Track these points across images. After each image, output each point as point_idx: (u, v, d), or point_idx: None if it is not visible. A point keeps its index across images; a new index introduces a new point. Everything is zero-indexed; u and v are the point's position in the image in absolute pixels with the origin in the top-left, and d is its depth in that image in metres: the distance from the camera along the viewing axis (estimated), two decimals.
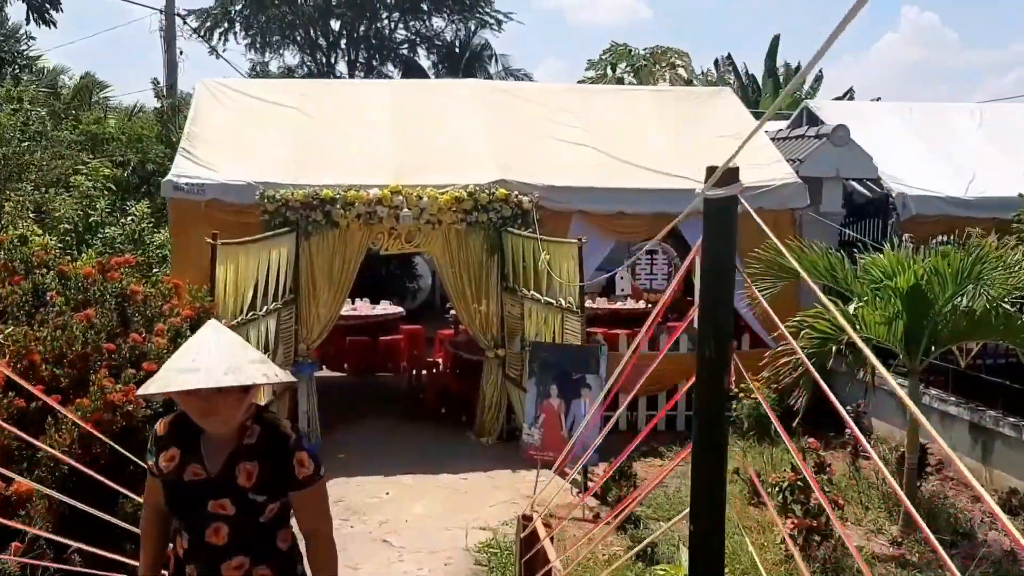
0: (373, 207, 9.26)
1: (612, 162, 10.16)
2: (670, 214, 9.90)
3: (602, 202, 9.73)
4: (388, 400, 11.47)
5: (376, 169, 9.69)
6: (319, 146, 10.03)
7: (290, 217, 9.19)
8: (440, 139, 10.32)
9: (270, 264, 8.65)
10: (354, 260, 9.45)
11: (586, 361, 7.77)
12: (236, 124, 10.22)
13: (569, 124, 10.70)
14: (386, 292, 14.92)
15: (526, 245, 9.11)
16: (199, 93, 10.55)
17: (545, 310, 8.76)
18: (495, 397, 9.71)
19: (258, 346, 8.40)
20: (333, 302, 9.47)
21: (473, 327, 9.69)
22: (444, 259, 9.62)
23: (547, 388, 7.80)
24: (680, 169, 10.12)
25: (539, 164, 10.01)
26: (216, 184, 9.19)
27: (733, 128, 10.99)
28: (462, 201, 9.39)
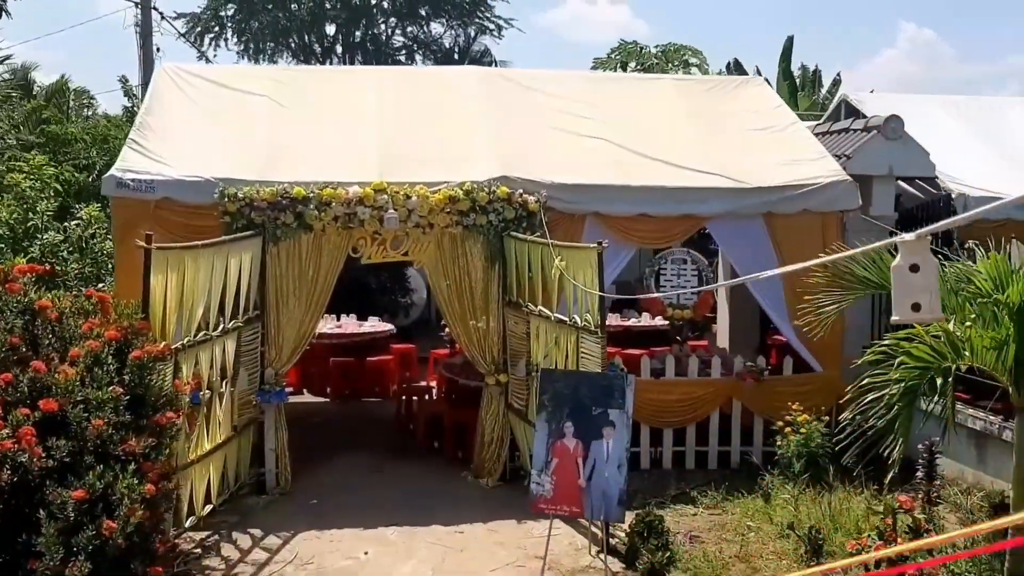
0: (353, 207, 7.79)
1: (632, 157, 8.69)
2: (699, 216, 8.43)
3: (621, 202, 8.26)
4: (374, 430, 9.95)
5: (357, 164, 8.23)
6: (292, 139, 8.57)
7: (255, 219, 7.70)
8: (432, 131, 8.86)
9: (228, 273, 7.17)
10: (331, 270, 7.96)
11: (608, 392, 6.27)
12: (198, 114, 8.76)
13: (581, 115, 9.24)
14: (375, 307, 13.43)
15: (533, 252, 7.62)
16: (157, 79, 9.09)
17: (556, 329, 7.27)
18: (496, 431, 8.20)
19: (212, 373, 6.92)
20: (306, 319, 7.97)
21: (470, 348, 8.20)
22: (436, 269, 8.13)
23: (560, 426, 6.30)
24: (709, 165, 8.67)
25: (546, 159, 8.54)
26: (168, 181, 7.72)
27: (767, 120, 9.56)
28: (457, 201, 7.92)
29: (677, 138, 9.11)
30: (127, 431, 5.32)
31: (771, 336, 12.16)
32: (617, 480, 6.18)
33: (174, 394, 5.74)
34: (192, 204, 7.73)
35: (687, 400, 8.46)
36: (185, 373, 6.40)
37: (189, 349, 6.50)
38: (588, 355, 6.74)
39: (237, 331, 7.39)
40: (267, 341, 7.88)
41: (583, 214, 8.23)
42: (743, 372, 8.51)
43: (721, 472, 8.54)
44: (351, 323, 11.97)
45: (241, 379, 7.64)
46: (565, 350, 7.14)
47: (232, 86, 9.18)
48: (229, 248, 7.12)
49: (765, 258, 8.49)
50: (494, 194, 7.97)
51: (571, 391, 6.35)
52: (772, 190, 8.45)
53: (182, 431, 6.45)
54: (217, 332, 7.00)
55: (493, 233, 8.05)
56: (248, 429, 7.83)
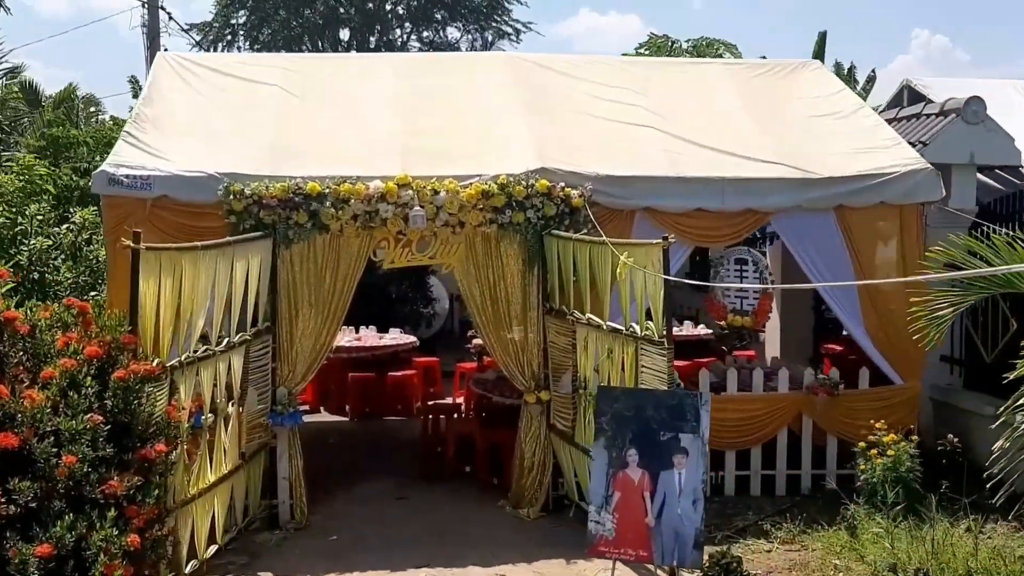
0: (374, 205, 6.83)
1: (684, 146, 7.70)
2: (762, 211, 7.36)
3: (675, 196, 7.27)
4: (398, 453, 8.97)
5: (378, 157, 7.27)
6: (305, 131, 7.63)
7: (264, 218, 6.75)
8: (460, 121, 7.91)
9: (234, 280, 6.21)
10: (350, 275, 7.00)
11: (679, 413, 5.27)
12: (201, 105, 7.84)
13: (625, 102, 8.27)
14: (396, 318, 12.47)
15: (579, 252, 6.63)
16: (156, 69, 8.17)
17: (609, 339, 6.27)
18: (537, 455, 7.19)
19: (215, 393, 5.96)
20: (323, 331, 7.00)
21: (506, 362, 7.20)
22: (467, 273, 7.15)
23: (623, 454, 5.30)
24: (771, 154, 7.67)
25: (589, 150, 7.57)
26: (167, 176, 6.78)
27: (830, 105, 8.56)
28: (491, 196, 6.94)
29: (732, 125, 8.12)
30: (108, 468, 4.36)
31: (824, 345, 11.17)
32: (692, 518, 5.17)
33: (166, 421, 4.77)
34: (193, 202, 6.79)
35: (752, 418, 7.43)
36: (183, 395, 5.45)
37: (188, 367, 5.54)
38: (650, 369, 5.73)
39: (245, 345, 6.44)
40: (279, 356, 6.92)
41: (633, 209, 7.24)
42: (814, 386, 7.48)
43: (791, 499, 7.50)
44: (371, 335, 11.01)
45: (250, 399, 6.68)
46: (620, 363, 6.15)
47: (239, 75, 8.25)
48: (235, 250, 6.17)
49: (836, 256, 7.53)
50: (532, 188, 7.00)
51: (634, 412, 5.35)
52: (844, 180, 7.44)
53: (180, 462, 5.50)
54: (221, 347, 6.04)
55: (531, 232, 7.07)
56: (258, 456, 6.86)
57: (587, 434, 6.64)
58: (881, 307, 7.55)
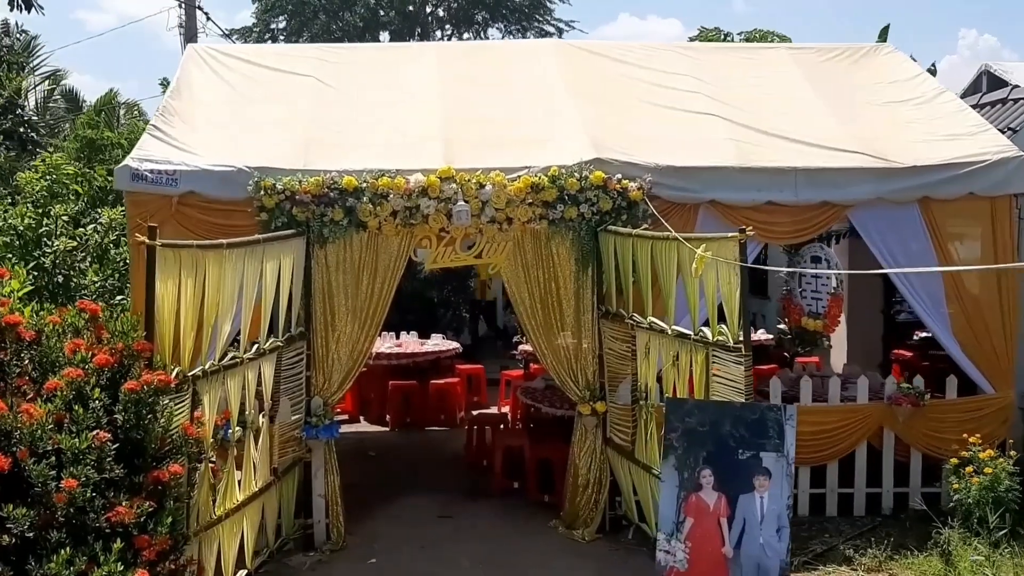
0: (415, 200, 6.27)
1: (751, 135, 7.04)
2: (839, 204, 6.54)
3: (743, 188, 6.61)
4: (441, 466, 8.39)
5: (419, 148, 6.71)
6: (341, 123, 7.09)
7: (297, 215, 6.23)
8: (506, 110, 7.32)
9: (265, 281, 5.69)
10: (389, 277, 6.44)
11: (760, 429, 4.62)
12: (231, 97, 7.35)
13: (684, 89, 7.62)
14: (438, 324, 11.92)
15: (640, 249, 6.00)
16: (186, 61, 7.70)
17: (674, 345, 5.62)
18: (593, 471, 6.57)
19: (244, 404, 5.45)
20: (361, 337, 6.45)
21: (558, 370, 6.60)
22: (516, 273, 6.56)
23: (696, 474, 4.66)
24: (848, 143, 6.98)
25: (647, 139, 6.93)
26: (194, 171, 6.29)
27: (908, 91, 7.84)
28: (541, 189, 6.35)
29: (803, 112, 7.42)
30: (116, 492, 3.83)
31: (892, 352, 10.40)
32: (776, 548, 4.51)
33: (183, 438, 4.23)
34: (222, 199, 6.28)
35: (828, 431, 6.71)
36: (207, 407, 4.92)
37: (212, 376, 5.02)
38: (724, 379, 5.08)
39: (276, 352, 5.90)
40: (314, 364, 6.38)
41: (696, 203, 6.59)
42: (897, 396, 6.75)
43: (871, 520, 6.78)
44: (412, 341, 10.47)
45: (282, 411, 6.14)
46: (688, 372, 5.50)
47: (272, 66, 7.75)
48: (265, 249, 5.64)
49: (920, 253, 6.80)
50: (586, 180, 6.39)
51: (709, 428, 4.71)
52: (930, 170, 6.71)
53: (205, 481, 4.97)
54: (251, 354, 5.52)
55: (585, 228, 6.46)
56: (292, 472, 6.32)
57: (648, 449, 6.01)
58: (970, 309, 6.81)
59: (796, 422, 4.61)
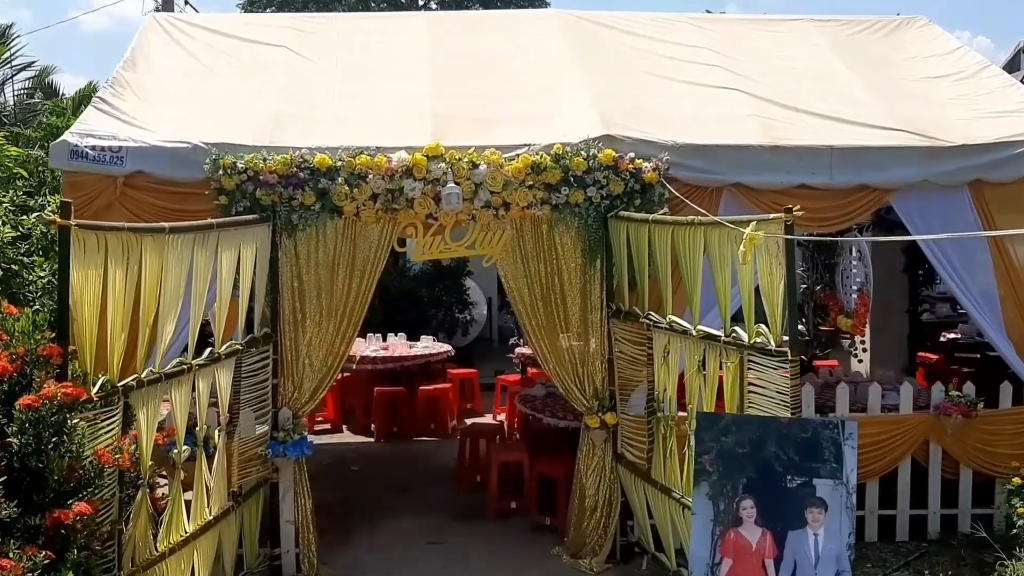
0: (398, 181, 5.40)
1: (778, 111, 6.20)
2: (880, 187, 5.33)
3: (772, 169, 5.76)
4: (430, 483, 7.50)
5: (404, 125, 5.85)
6: (315, 96, 6.23)
7: (262, 199, 5.36)
8: (506, 83, 6.47)
9: (221, 274, 4.80)
10: (369, 270, 5.57)
11: (813, 450, 3.75)
12: (194, 70, 6.47)
13: (703, 62, 6.79)
14: (428, 325, 11.05)
15: (658, 238, 5.13)
16: (144, 31, 6.81)
17: (700, 348, 4.75)
18: (602, 492, 5.70)
19: (198, 418, 4.59)
20: (336, 339, 5.57)
21: (562, 376, 5.73)
22: (514, 267, 5.69)
23: (734, 505, 3.79)
24: (886, 120, 6.14)
25: (662, 115, 6.08)
26: (144, 148, 5.41)
27: (948, 65, 7.01)
28: (543, 170, 5.49)
29: (834, 87, 6.58)
30: (5, 538, 2.95)
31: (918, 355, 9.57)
32: None
33: (97, 467, 3.34)
34: (175, 180, 5.40)
35: (868, 445, 5.77)
36: (143, 424, 4.05)
37: (151, 387, 4.14)
38: (764, 388, 4.21)
39: (234, 357, 5.02)
40: (281, 371, 5.50)
41: (719, 186, 5.73)
42: (945, 405, 5.90)
43: (916, 546, 5.93)
44: (400, 344, 9.58)
45: (244, 425, 5.25)
46: (716, 380, 4.64)
47: (241, 36, 6.87)
48: (220, 236, 4.75)
49: (970, 242, 5.96)
50: (595, 160, 5.53)
51: (750, 449, 3.84)
52: (983, 149, 5.87)
53: (142, 512, 4.10)
54: (202, 359, 4.64)
55: (593, 215, 5.60)
56: (256, 495, 5.43)
57: (667, 469, 5.15)
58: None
59: (857, 441, 3.75)
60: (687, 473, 4.87)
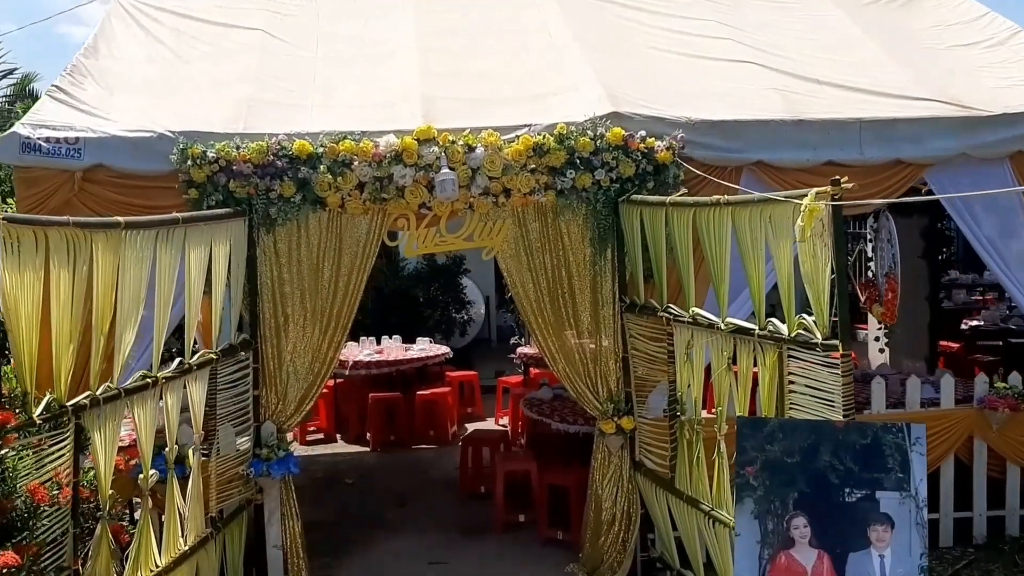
0: (387, 168, 4.84)
1: (799, 84, 5.66)
2: (913, 162, 4.52)
3: (797, 145, 5.22)
4: (431, 494, 6.95)
5: (392, 109, 5.30)
6: (293, 80, 5.67)
7: (236, 192, 4.79)
8: (503, 62, 5.92)
9: (190, 275, 4.24)
10: (358, 267, 5.01)
11: (874, 459, 3.21)
12: (162, 56, 5.89)
13: (711, 35, 6.26)
14: (424, 326, 10.49)
15: (677, 221, 4.56)
16: (108, 17, 6.23)
17: (729, 343, 4.20)
18: (620, 504, 5.16)
19: (167, 437, 4.03)
20: (323, 345, 5.01)
21: (573, 379, 5.19)
22: (516, 259, 5.14)
23: (784, 525, 3.25)
24: (917, 90, 5.61)
25: (674, 91, 5.54)
26: (104, 139, 4.84)
27: (976, 32, 6.50)
28: (546, 152, 4.94)
29: (856, 58, 6.05)
30: None
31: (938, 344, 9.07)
32: None
33: (30, 507, 2.78)
34: (139, 173, 4.83)
35: None
36: (99, 449, 3.49)
37: (108, 405, 3.57)
38: (809, 387, 3.66)
39: (208, 367, 4.46)
40: (263, 381, 4.94)
41: (739, 164, 5.18)
42: (990, 398, 5.38)
43: (963, 552, 5.41)
44: (395, 347, 9.02)
45: (223, 442, 4.69)
46: (748, 379, 4.09)
47: (213, 20, 6.30)
48: (187, 232, 4.19)
49: (1012, 218, 5.45)
50: (602, 139, 4.98)
51: (800, 458, 3.29)
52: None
53: (103, 547, 3.54)
54: (169, 371, 4.07)
55: (603, 200, 5.06)
56: (239, 519, 4.86)
57: (694, 478, 4.60)
58: None
59: (925, 447, 3.21)
60: (718, 483, 4.34)
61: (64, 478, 2.95)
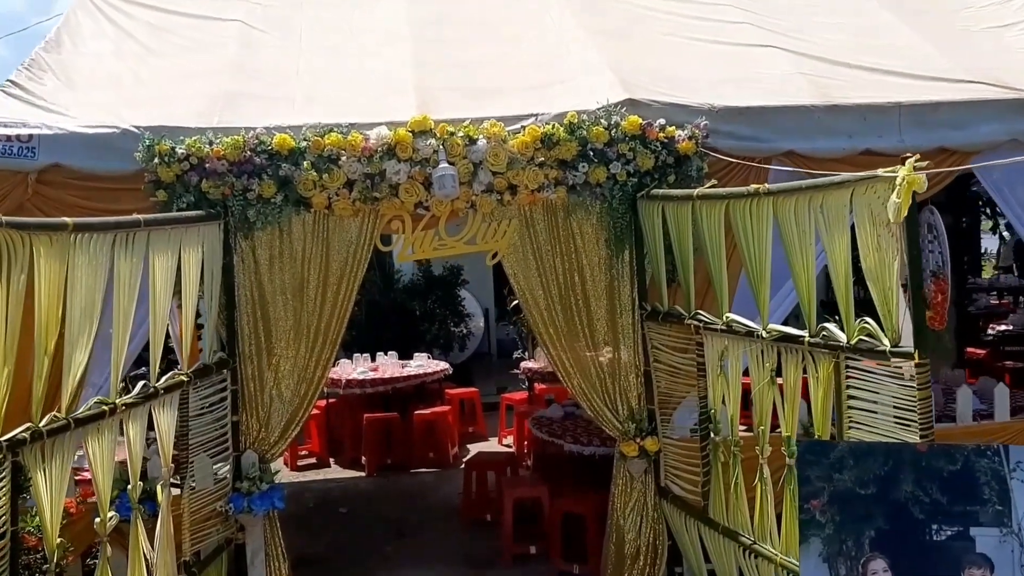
0: (378, 164, 4.32)
1: (830, 68, 5.16)
2: (958, 149, 4.45)
3: (830, 133, 4.71)
4: (432, 522, 6.38)
5: (383, 101, 4.77)
6: (274, 73, 5.14)
7: (210, 192, 4.26)
8: (505, 51, 5.41)
9: (154, 286, 3.68)
10: (348, 275, 4.47)
11: (969, 489, 2.67)
12: (131, 50, 5.36)
13: (727, 20, 5.75)
14: (421, 341, 9.95)
15: (706, 217, 4.03)
16: (73, 9, 5.67)
17: (772, 352, 3.65)
18: (645, 535, 4.61)
19: (129, 471, 3.47)
20: (311, 363, 4.46)
21: (589, 396, 4.65)
22: (525, 263, 4.61)
23: (860, 568, 2.70)
24: (959, 73, 5.10)
25: (693, 77, 5.03)
26: (61, 136, 4.30)
27: (1014, 12, 5.99)
28: (556, 144, 4.42)
29: (887, 41, 5.55)
30: None
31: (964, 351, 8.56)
32: None
33: None
34: (100, 173, 4.29)
35: None
36: (42, 490, 2.94)
37: (52, 437, 3.02)
38: (877, 404, 3.12)
39: (180, 391, 3.90)
40: (242, 405, 4.39)
41: (767, 155, 4.66)
42: None
43: None
44: (391, 364, 8.46)
45: (200, 475, 4.14)
46: (797, 394, 3.55)
47: (188, 12, 5.78)
48: (151, 237, 3.64)
49: None
50: (618, 128, 4.46)
51: (878, 488, 2.75)
52: None
53: None
54: (131, 397, 3.52)
55: (619, 196, 4.53)
56: (217, 561, 4.29)
57: (732, 507, 4.04)
58: None
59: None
60: (760, 511, 3.79)
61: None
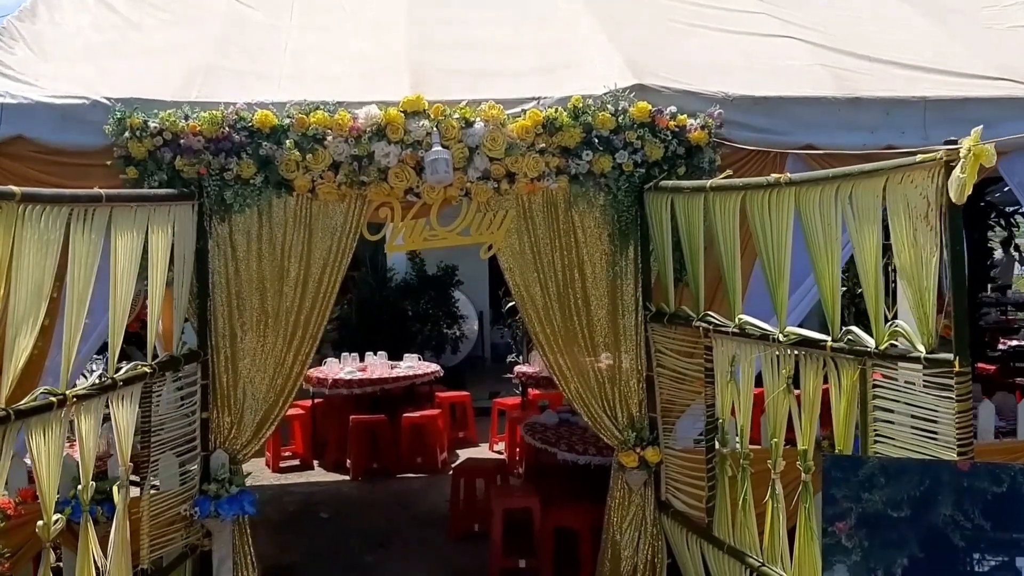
0: (367, 145, 4.00)
1: (850, 60, 4.85)
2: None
3: (851, 127, 4.40)
4: (418, 531, 6.04)
5: (374, 79, 4.46)
6: (259, 47, 4.83)
7: (184, 171, 3.94)
8: (501, 33, 5.10)
9: (115, 268, 3.36)
10: (332, 264, 4.15)
11: (1014, 512, 2.35)
12: (110, 23, 5.02)
13: (742, 10, 5.44)
14: (412, 341, 9.62)
15: (719, 211, 3.72)
16: None
17: (790, 358, 3.33)
18: (643, 552, 4.28)
19: (80, 471, 3.13)
20: (288, 357, 4.14)
21: (587, 402, 4.33)
22: (521, 258, 4.29)
23: None
24: (985, 69, 4.81)
25: (703, 65, 4.72)
26: (25, 105, 3.98)
27: None
28: (559, 129, 4.12)
29: (909, 35, 5.24)
30: None
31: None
32: None
33: None
34: (67, 147, 3.97)
35: None
36: None
37: None
38: (910, 416, 2.81)
39: (141, 383, 3.57)
40: (213, 400, 4.07)
41: (784, 147, 4.34)
42: None
43: None
44: (380, 364, 8.13)
45: (164, 474, 3.81)
46: (816, 403, 3.24)
47: None
48: (114, 214, 3.32)
49: None
50: (625, 115, 4.15)
51: (912, 511, 2.43)
52: None
53: None
54: (83, 388, 3.19)
55: (625, 187, 4.22)
56: (178, 569, 3.96)
57: (739, 524, 3.72)
58: None
59: None
60: (771, 531, 3.47)
61: None
